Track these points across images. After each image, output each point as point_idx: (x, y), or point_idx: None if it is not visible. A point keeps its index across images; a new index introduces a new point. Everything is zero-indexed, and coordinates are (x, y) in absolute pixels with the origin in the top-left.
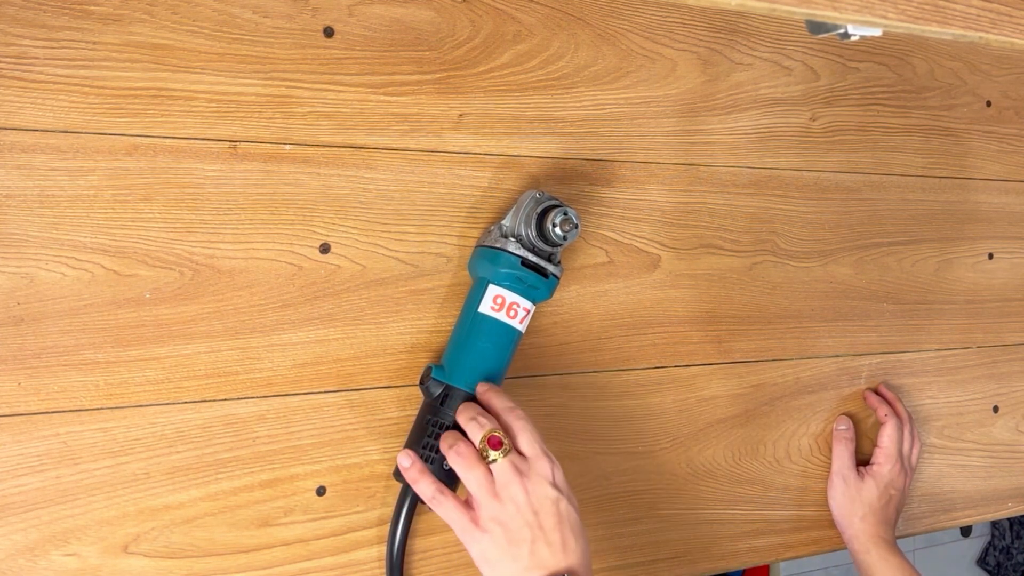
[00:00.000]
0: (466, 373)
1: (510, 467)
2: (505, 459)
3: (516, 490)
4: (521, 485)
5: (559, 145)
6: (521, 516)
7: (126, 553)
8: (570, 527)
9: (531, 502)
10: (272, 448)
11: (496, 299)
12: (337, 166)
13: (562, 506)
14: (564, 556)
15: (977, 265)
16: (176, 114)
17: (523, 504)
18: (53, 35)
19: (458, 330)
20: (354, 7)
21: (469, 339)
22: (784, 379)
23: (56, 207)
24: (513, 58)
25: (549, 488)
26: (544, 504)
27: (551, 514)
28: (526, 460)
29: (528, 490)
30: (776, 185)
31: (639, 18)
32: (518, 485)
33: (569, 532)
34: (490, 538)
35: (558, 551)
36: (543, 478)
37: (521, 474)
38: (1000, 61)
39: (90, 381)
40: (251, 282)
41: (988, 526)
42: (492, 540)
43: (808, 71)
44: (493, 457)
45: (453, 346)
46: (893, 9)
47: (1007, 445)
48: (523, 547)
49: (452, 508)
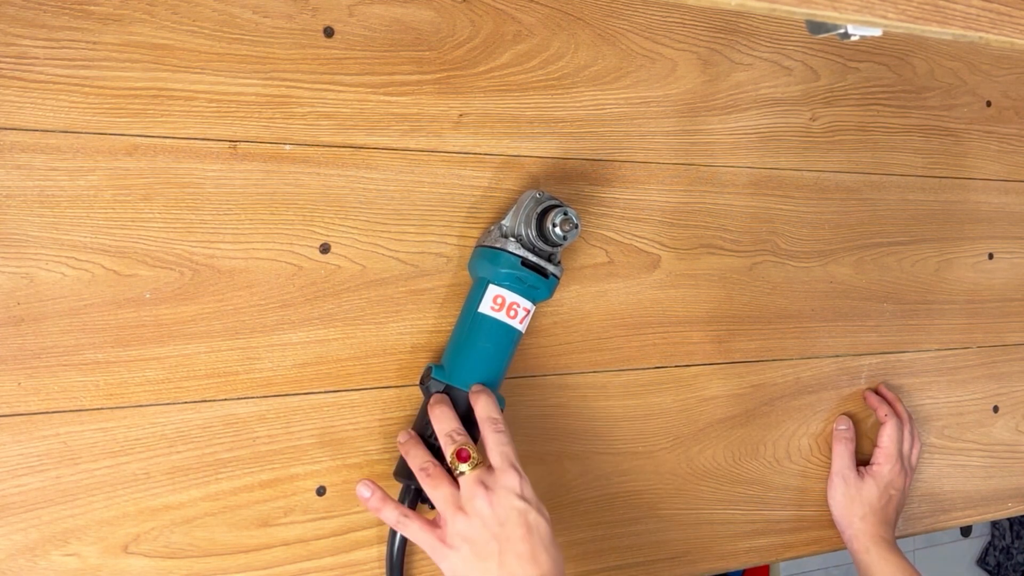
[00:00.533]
0: (466, 373)
1: (474, 481)
2: (472, 472)
3: (481, 503)
4: (486, 498)
5: (559, 145)
6: (488, 529)
7: (126, 553)
8: (540, 539)
9: (497, 514)
10: (272, 448)
11: (496, 299)
12: (337, 166)
13: (531, 518)
14: (535, 567)
15: (977, 265)
16: (176, 114)
17: (488, 517)
18: (53, 35)
19: (458, 330)
20: (354, 7)
21: (469, 339)
22: (784, 379)
23: (56, 207)
24: (513, 58)
25: (516, 500)
26: (511, 515)
27: (518, 525)
28: (493, 473)
29: (493, 502)
30: (776, 185)
31: (639, 18)
32: (483, 498)
33: (539, 543)
34: (458, 555)
35: (527, 563)
36: (509, 491)
37: (486, 487)
38: (1000, 61)
39: (90, 381)
40: (251, 282)
41: (988, 526)
42: (460, 557)
43: (808, 71)
44: (461, 470)
45: (453, 346)
46: (893, 9)
47: (1007, 445)
48: (491, 561)
49: (418, 529)
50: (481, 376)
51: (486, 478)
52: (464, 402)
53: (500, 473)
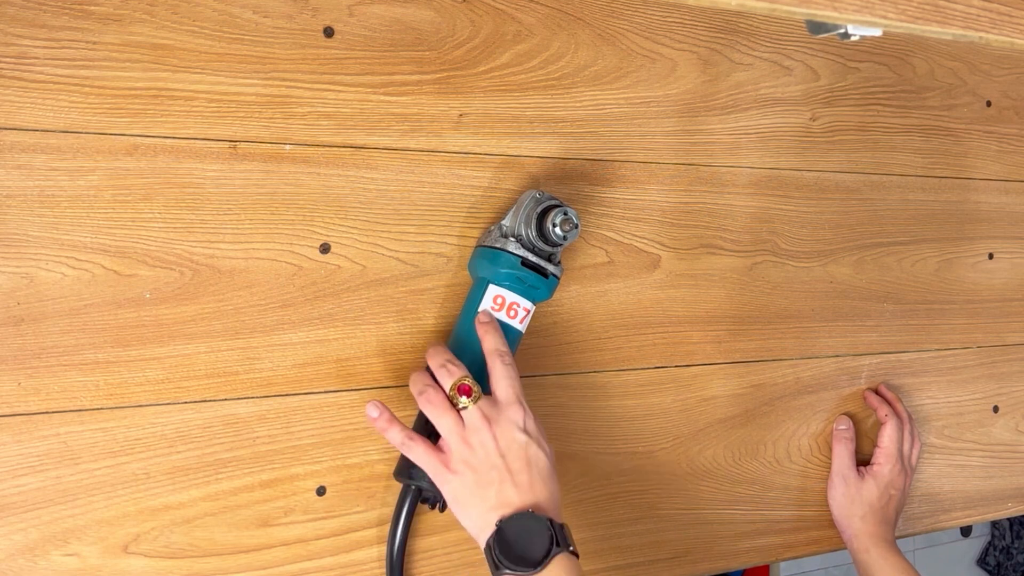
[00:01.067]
0: None
1: (479, 414)
2: (475, 406)
3: (485, 436)
4: (490, 431)
5: (559, 145)
6: (489, 460)
7: (126, 553)
8: (538, 471)
9: (499, 447)
10: (272, 448)
11: (496, 299)
12: (337, 166)
13: (531, 451)
14: (531, 494)
15: (977, 265)
16: (176, 114)
17: (491, 449)
18: (53, 35)
19: (458, 330)
20: (354, 7)
21: (469, 339)
22: (784, 379)
23: (56, 207)
24: (513, 58)
25: (518, 433)
26: (512, 448)
27: (518, 458)
28: (497, 406)
29: (496, 436)
30: (776, 185)
31: (639, 18)
32: (487, 431)
33: (536, 475)
34: (460, 480)
35: (525, 491)
36: (513, 424)
37: (490, 421)
38: (1000, 61)
39: (90, 381)
40: (251, 282)
41: (988, 526)
42: (462, 482)
43: (808, 71)
44: (463, 404)
45: (453, 346)
46: (893, 9)
47: (1007, 445)
48: (491, 488)
49: (423, 452)
50: (481, 376)
51: (489, 411)
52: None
53: (505, 406)
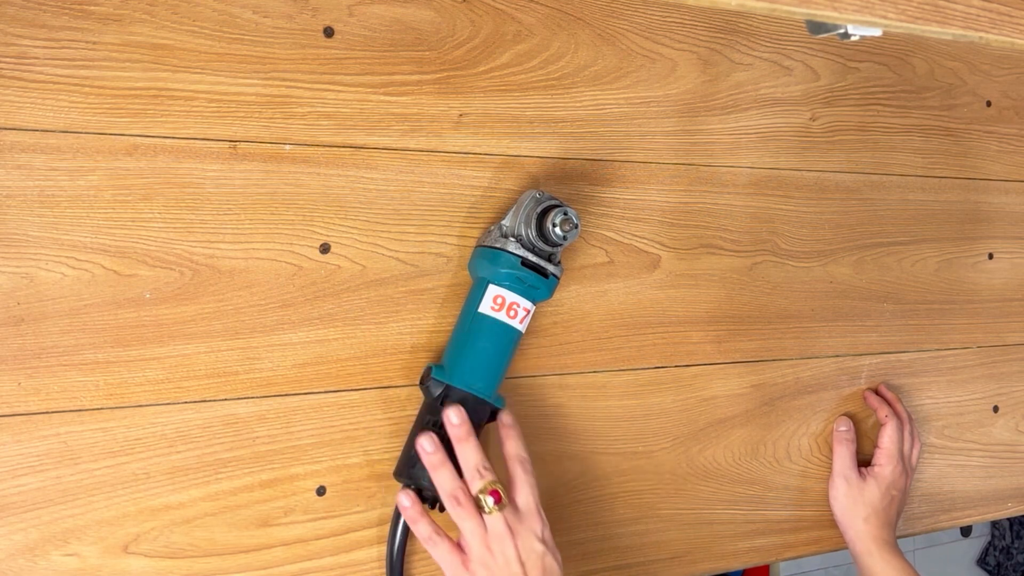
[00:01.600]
0: (466, 373)
1: (503, 523)
2: (499, 513)
3: (507, 545)
4: (512, 541)
5: (559, 145)
6: (509, 568)
7: (126, 553)
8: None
9: (520, 556)
10: (272, 448)
11: (496, 299)
12: (337, 166)
13: (547, 560)
14: None
15: (977, 265)
16: (176, 114)
17: (512, 557)
18: (53, 35)
19: (458, 330)
20: (354, 7)
21: (469, 339)
22: (784, 379)
23: (56, 207)
24: (513, 58)
25: (537, 543)
26: (531, 557)
27: (535, 567)
28: (519, 514)
29: (518, 545)
30: (776, 185)
31: (639, 18)
32: (509, 541)
33: None
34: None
35: None
36: (532, 534)
37: (512, 531)
38: (1000, 61)
39: (90, 381)
40: (251, 282)
41: (988, 526)
42: None
43: (808, 71)
44: (489, 509)
45: (453, 346)
46: (893, 9)
47: (1007, 445)
48: None
49: (447, 551)
50: (481, 376)
51: (512, 520)
52: (467, 401)
53: (526, 516)
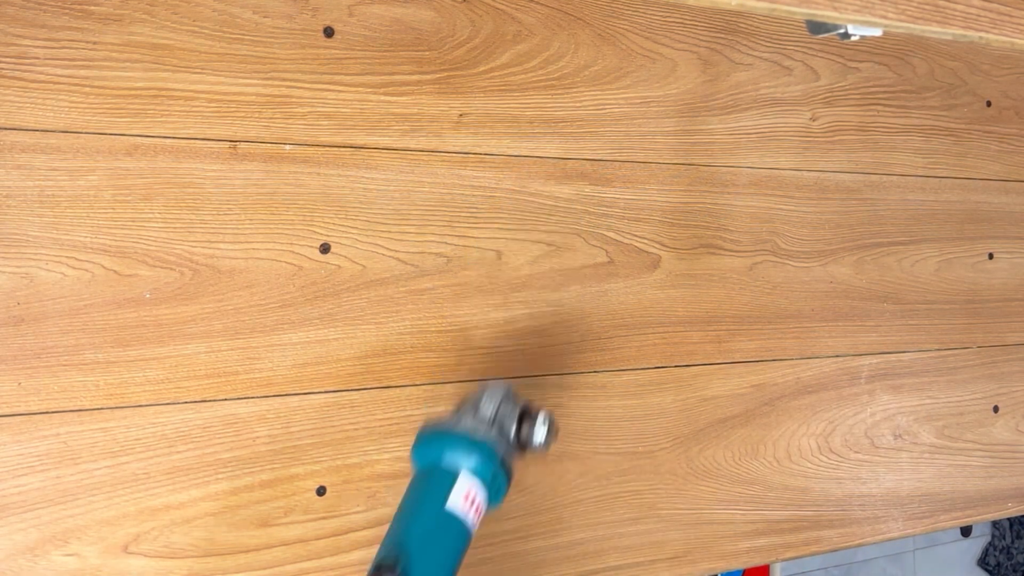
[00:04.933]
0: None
1: None
2: None
3: None
4: None
5: (559, 145)
6: None
7: (126, 553)
8: None
9: None
10: (272, 448)
11: (467, 495)
12: (337, 166)
13: None
14: None
15: (977, 265)
16: (176, 114)
17: None
18: (53, 35)
19: (418, 526)
20: (354, 7)
21: (435, 538)
22: (784, 379)
23: (56, 207)
24: (513, 58)
25: None
26: None
27: None
28: None
29: None
30: (776, 185)
31: (639, 18)
32: None
33: None
34: None
35: None
36: None
37: None
38: (1000, 61)
39: (90, 381)
40: (251, 282)
41: (988, 526)
42: None
43: (808, 71)
44: None
45: (415, 545)
46: (893, 9)
47: (1007, 445)
48: None
49: None
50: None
51: None
52: None
53: None
